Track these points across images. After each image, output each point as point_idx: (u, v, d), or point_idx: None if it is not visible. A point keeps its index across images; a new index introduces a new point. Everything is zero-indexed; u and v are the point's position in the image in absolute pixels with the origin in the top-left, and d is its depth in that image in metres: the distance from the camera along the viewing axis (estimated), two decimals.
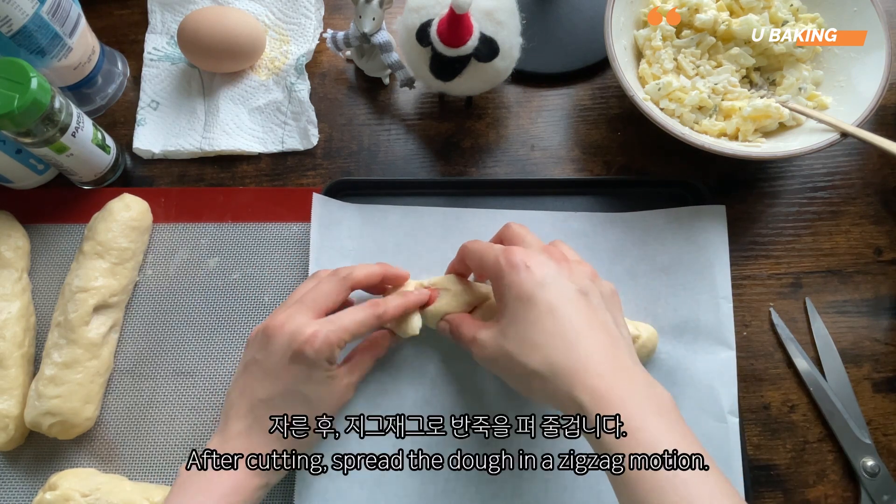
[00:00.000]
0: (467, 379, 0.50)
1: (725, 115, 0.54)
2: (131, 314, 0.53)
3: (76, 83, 0.57)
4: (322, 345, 0.42)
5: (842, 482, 0.50)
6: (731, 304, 0.51)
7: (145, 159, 0.58)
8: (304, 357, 0.42)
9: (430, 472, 0.48)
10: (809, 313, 0.53)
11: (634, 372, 0.38)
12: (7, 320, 0.50)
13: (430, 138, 0.59)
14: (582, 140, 0.58)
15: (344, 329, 0.43)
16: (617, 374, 0.37)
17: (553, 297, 0.39)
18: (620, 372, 0.38)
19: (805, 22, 0.55)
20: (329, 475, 0.47)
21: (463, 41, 0.48)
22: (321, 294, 0.45)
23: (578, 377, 0.37)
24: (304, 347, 0.42)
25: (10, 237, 0.53)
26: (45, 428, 0.48)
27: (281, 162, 0.58)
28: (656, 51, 0.55)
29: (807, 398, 0.51)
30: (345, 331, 0.43)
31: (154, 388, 0.52)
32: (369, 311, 0.45)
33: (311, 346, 0.42)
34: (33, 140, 0.49)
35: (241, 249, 0.55)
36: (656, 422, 0.36)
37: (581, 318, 0.39)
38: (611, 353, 0.38)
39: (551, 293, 0.40)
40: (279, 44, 0.61)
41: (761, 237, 0.55)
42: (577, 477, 0.47)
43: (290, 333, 0.43)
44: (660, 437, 0.35)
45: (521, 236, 0.45)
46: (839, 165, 0.57)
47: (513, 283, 0.40)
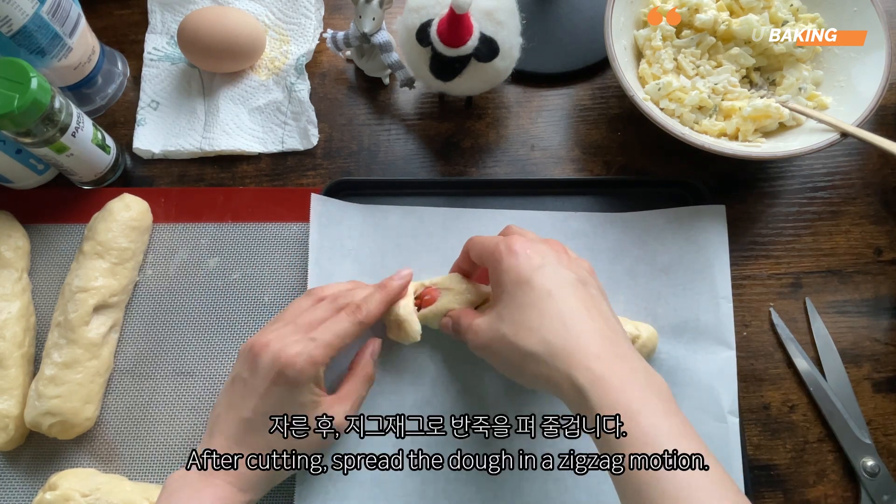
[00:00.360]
0: (467, 379, 0.50)
1: (725, 115, 0.54)
2: (131, 314, 0.53)
3: (76, 83, 0.57)
4: (305, 364, 0.41)
5: (842, 482, 0.50)
6: (731, 304, 0.51)
7: (145, 159, 0.58)
8: (287, 378, 0.41)
9: (430, 472, 0.48)
10: (809, 313, 0.53)
11: (633, 358, 0.38)
12: (7, 320, 0.50)
13: (430, 138, 0.59)
14: (582, 140, 0.58)
15: (327, 345, 0.42)
16: (615, 358, 0.37)
17: (551, 282, 0.39)
18: (619, 356, 0.37)
19: (805, 22, 0.55)
20: (329, 475, 0.47)
21: (463, 41, 0.48)
22: (316, 319, 0.44)
23: (576, 359, 0.37)
24: (286, 369, 0.41)
25: (10, 237, 0.53)
26: (45, 428, 0.48)
27: (281, 162, 0.58)
28: (656, 51, 0.55)
29: (807, 398, 0.51)
30: (327, 347, 0.42)
31: (154, 388, 0.52)
32: (350, 320, 0.44)
33: (293, 368, 0.41)
34: (33, 140, 0.49)
35: (241, 249, 0.55)
36: (656, 405, 0.35)
37: (579, 303, 0.39)
38: (609, 338, 0.38)
39: (549, 278, 0.40)
40: (279, 44, 0.61)
41: (761, 237, 0.55)
42: (578, 477, 0.47)
43: (273, 353, 0.42)
44: (659, 423, 0.34)
45: (521, 232, 0.45)
46: (839, 165, 0.57)
47: (510, 266, 0.40)
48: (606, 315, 0.40)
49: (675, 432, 0.35)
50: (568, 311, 0.38)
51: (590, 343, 0.37)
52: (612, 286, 0.51)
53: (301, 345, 0.42)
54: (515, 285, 0.40)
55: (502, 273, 0.41)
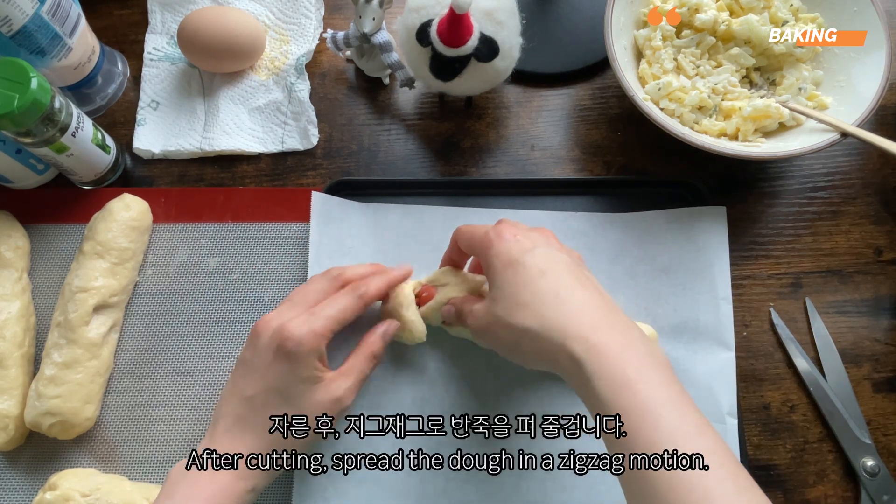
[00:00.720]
0: (467, 379, 0.50)
1: (725, 115, 0.54)
2: (131, 314, 0.53)
3: (76, 83, 0.57)
4: (305, 336, 0.41)
5: (842, 482, 0.50)
6: (731, 305, 0.51)
7: (145, 159, 0.58)
8: (288, 352, 0.41)
9: (430, 472, 0.48)
10: (809, 313, 0.53)
11: (630, 327, 0.37)
12: (7, 320, 0.50)
13: (430, 138, 0.59)
14: (582, 140, 0.58)
15: (327, 317, 0.43)
16: (611, 327, 0.37)
17: (543, 261, 0.39)
18: (614, 325, 0.37)
19: (805, 22, 0.55)
20: (328, 475, 0.47)
21: (463, 41, 0.48)
22: (311, 291, 0.45)
23: (571, 329, 0.36)
24: (286, 342, 0.41)
25: (10, 237, 0.53)
26: (45, 428, 0.48)
27: (281, 162, 0.58)
28: (656, 51, 0.55)
29: (807, 398, 0.51)
30: (328, 319, 0.43)
31: (154, 388, 0.52)
32: (351, 295, 0.44)
33: (293, 340, 0.41)
34: (33, 140, 0.49)
35: (241, 249, 0.55)
36: (653, 375, 0.35)
37: (573, 279, 0.39)
38: (604, 308, 0.38)
39: (541, 257, 0.40)
40: (279, 44, 0.61)
41: (761, 237, 0.55)
42: (577, 477, 0.47)
43: (274, 329, 0.42)
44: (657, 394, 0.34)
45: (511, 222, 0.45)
46: (839, 165, 0.57)
47: (500, 251, 0.40)
48: (601, 289, 0.40)
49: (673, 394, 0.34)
50: (562, 286, 0.38)
51: (584, 313, 0.37)
52: (612, 286, 0.51)
53: (301, 318, 0.42)
54: (507, 266, 0.40)
55: (493, 258, 0.41)
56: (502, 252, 0.40)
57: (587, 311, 0.37)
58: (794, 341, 0.52)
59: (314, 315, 0.43)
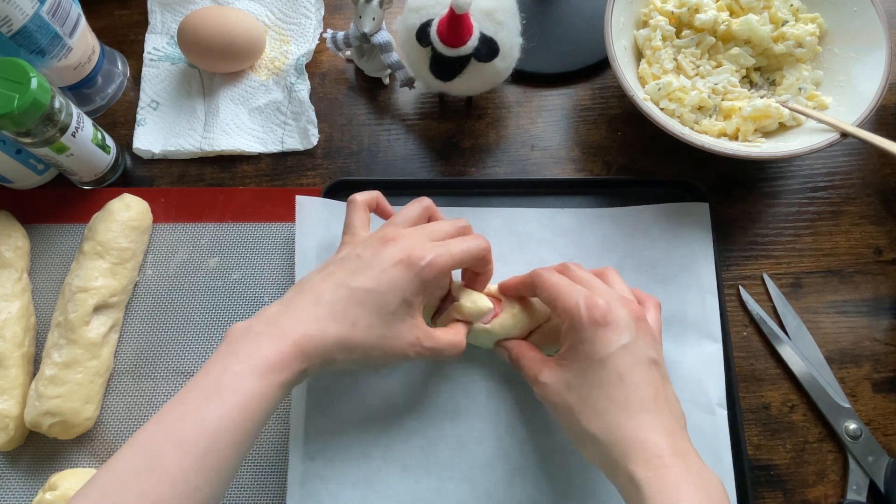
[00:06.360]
0: (462, 377, 0.50)
1: (725, 115, 0.54)
2: (131, 314, 0.53)
3: (76, 83, 0.57)
4: (434, 260, 0.41)
5: (842, 482, 0.50)
6: (717, 297, 0.51)
7: (145, 159, 0.58)
8: (413, 265, 0.41)
9: (424, 472, 0.47)
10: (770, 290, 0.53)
11: (691, 457, 0.38)
12: (7, 320, 0.50)
13: (430, 138, 0.59)
14: (582, 140, 0.58)
15: (451, 255, 0.42)
16: (675, 457, 0.37)
17: (624, 366, 0.39)
18: (679, 454, 0.37)
19: (805, 22, 0.55)
20: (320, 476, 0.47)
21: (463, 41, 0.48)
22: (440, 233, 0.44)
23: (637, 452, 0.37)
24: (415, 259, 0.41)
25: (10, 237, 0.53)
26: (45, 428, 0.48)
27: (281, 162, 0.58)
28: (656, 51, 0.55)
29: (807, 398, 0.51)
30: (451, 257, 0.43)
31: (154, 388, 0.52)
32: (477, 241, 0.44)
33: (424, 259, 0.41)
34: (33, 140, 0.49)
35: (241, 249, 0.55)
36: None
37: (649, 392, 0.39)
38: (671, 431, 0.38)
39: (624, 360, 0.40)
40: (279, 44, 0.61)
41: (761, 237, 0.55)
42: (572, 476, 0.47)
43: (403, 247, 0.42)
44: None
45: (585, 277, 0.44)
46: (839, 165, 0.57)
47: (587, 339, 0.40)
48: (672, 403, 0.40)
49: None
50: (636, 399, 0.39)
51: (650, 437, 0.38)
52: None
53: (433, 247, 0.42)
54: (589, 360, 0.40)
55: (579, 341, 0.41)
56: (588, 341, 0.40)
57: (653, 435, 0.38)
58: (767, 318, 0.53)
59: (448, 248, 0.43)
